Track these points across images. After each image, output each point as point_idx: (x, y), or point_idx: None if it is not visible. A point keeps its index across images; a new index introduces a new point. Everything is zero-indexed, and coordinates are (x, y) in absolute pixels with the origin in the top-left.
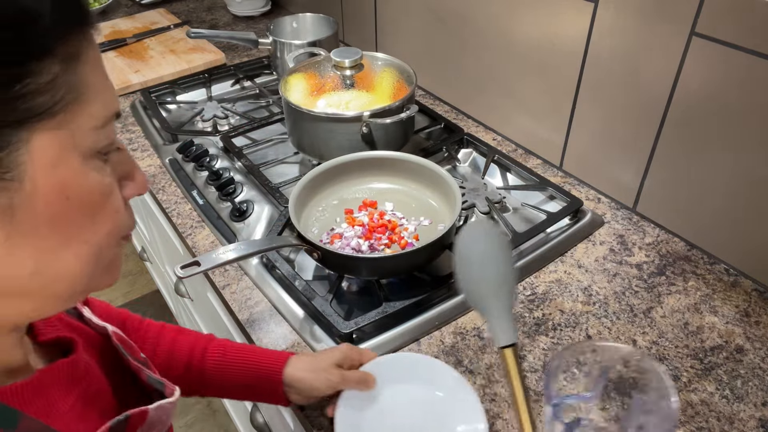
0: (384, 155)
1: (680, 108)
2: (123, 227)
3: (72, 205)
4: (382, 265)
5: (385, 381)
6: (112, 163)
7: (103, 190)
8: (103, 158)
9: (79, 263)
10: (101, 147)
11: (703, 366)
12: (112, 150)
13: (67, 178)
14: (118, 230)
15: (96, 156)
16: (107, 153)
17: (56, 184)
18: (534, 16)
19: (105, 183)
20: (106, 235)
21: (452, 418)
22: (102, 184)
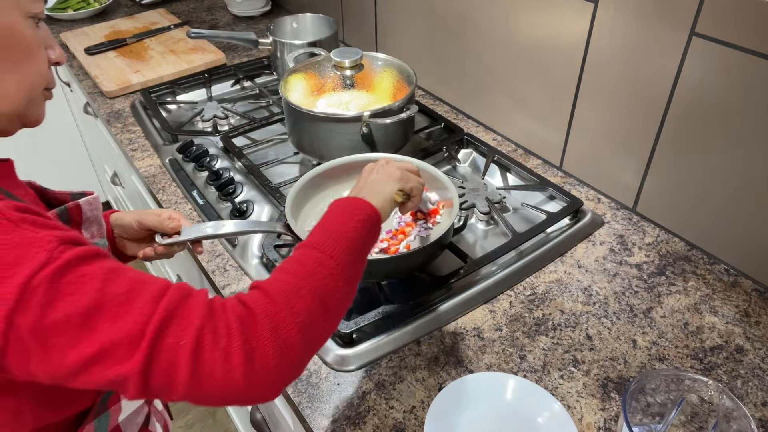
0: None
1: (680, 108)
2: (47, 77)
3: (14, 43)
4: (380, 268)
5: (480, 398)
6: (40, 32)
7: (35, 41)
8: (35, 22)
9: (16, 86)
10: (34, 13)
11: (703, 366)
12: (41, 20)
13: (11, 22)
14: (43, 76)
15: (31, 17)
16: (38, 21)
17: (5, 24)
18: (534, 16)
19: (36, 37)
20: (36, 75)
21: None
22: (34, 37)
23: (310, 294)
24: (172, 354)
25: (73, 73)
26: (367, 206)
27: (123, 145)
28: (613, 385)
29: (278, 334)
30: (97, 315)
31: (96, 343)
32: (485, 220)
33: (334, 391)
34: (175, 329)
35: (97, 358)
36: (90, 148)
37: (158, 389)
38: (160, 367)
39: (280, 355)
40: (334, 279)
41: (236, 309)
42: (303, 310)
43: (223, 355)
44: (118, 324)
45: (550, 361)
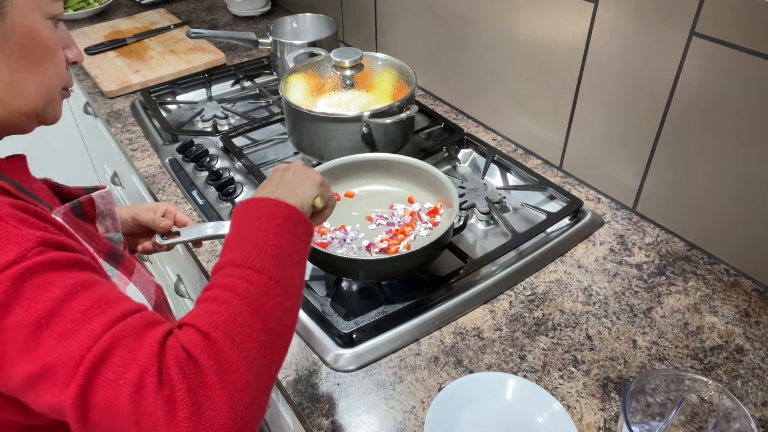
0: (383, 157)
1: (680, 108)
2: (65, 77)
3: (34, 44)
4: (380, 268)
5: (479, 398)
6: (60, 32)
7: (54, 42)
8: (54, 23)
9: (36, 86)
10: (54, 14)
11: (703, 366)
12: (60, 20)
13: (32, 24)
14: (62, 76)
15: (50, 19)
16: (57, 22)
17: (26, 25)
18: (534, 16)
19: (55, 38)
20: (54, 75)
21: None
22: (53, 37)
23: (249, 321)
24: (111, 392)
25: (73, 73)
26: (283, 206)
27: (123, 145)
28: (613, 385)
29: (226, 379)
30: (46, 327)
31: (38, 359)
32: (485, 220)
33: (334, 391)
34: (118, 362)
35: (37, 377)
36: (90, 148)
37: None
38: (97, 403)
39: (232, 403)
40: (271, 296)
41: (176, 355)
42: (247, 342)
43: (166, 407)
44: (63, 343)
45: (550, 361)
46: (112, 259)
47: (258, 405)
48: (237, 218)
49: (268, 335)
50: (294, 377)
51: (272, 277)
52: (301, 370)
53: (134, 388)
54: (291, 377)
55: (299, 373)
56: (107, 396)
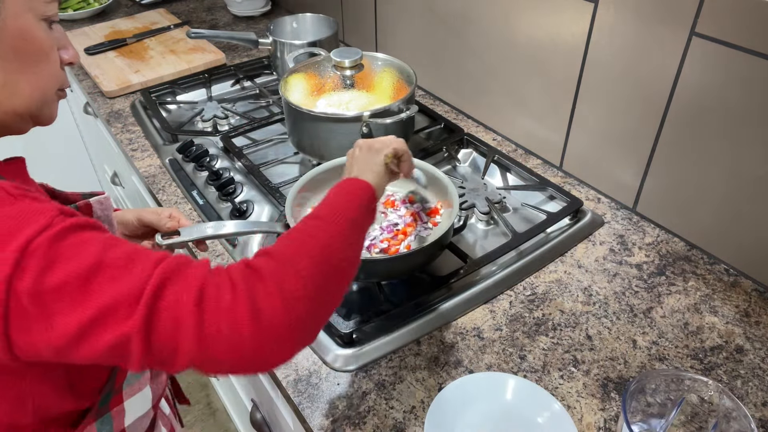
0: None
1: (680, 108)
2: (60, 78)
3: (27, 45)
4: (380, 268)
5: (479, 398)
6: (55, 33)
7: (48, 43)
8: (48, 24)
9: (30, 87)
10: (48, 15)
11: (703, 366)
12: (55, 22)
13: (25, 25)
14: (56, 77)
15: (44, 20)
16: (51, 24)
17: (18, 27)
18: (534, 16)
19: (49, 39)
20: (49, 76)
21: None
22: (47, 39)
23: (313, 252)
24: (175, 310)
25: (73, 73)
26: (361, 183)
27: (123, 145)
28: (613, 385)
29: (284, 288)
30: (96, 277)
31: (95, 304)
32: (485, 220)
33: (334, 391)
34: (176, 287)
35: (96, 320)
36: (90, 148)
37: (163, 351)
38: (163, 325)
39: (288, 309)
40: (336, 240)
41: (239, 268)
42: (308, 266)
43: (228, 310)
44: (117, 285)
45: (550, 361)
46: None
47: (310, 324)
48: (327, 194)
49: (328, 267)
50: (294, 377)
51: (341, 229)
52: (301, 370)
53: (197, 301)
54: (291, 377)
55: (299, 373)
56: (172, 315)
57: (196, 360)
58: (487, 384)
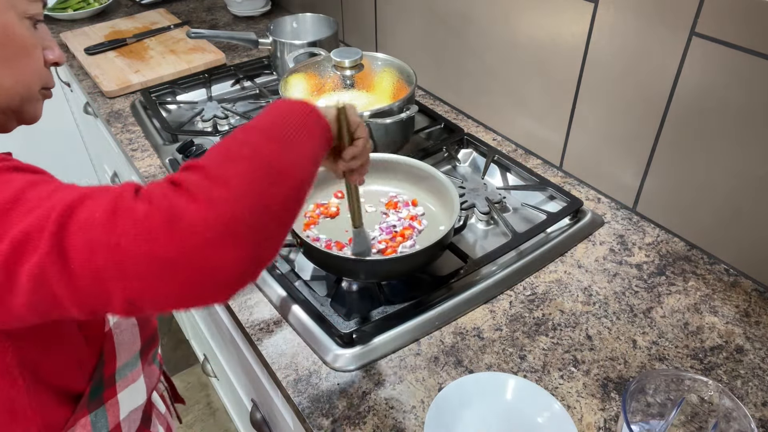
0: (383, 157)
1: (680, 108)
2: (44, 76)
3: (9, 41)
4: (380, 268)
5: (479, 398)
6: (40, 33)
7: (30, 41)
8: (32, 23)
9: (11, 81)
10: (31, 14)
11: (703, 366)
12: (39, 21)
13: (6, 22)
14: (40, 75)
15: (27, 19)
16: (36, 23)
17: (1, 24)
18: (534, 16)
19: (32, 37)
20: (31, 72)
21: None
22: (30, 37)
23: (243, 153)
24: (86, 230)
25: (73, 73)
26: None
27: (123, 145)
28: (613, 385)
29: (207, 190)
30: (13, 210)
31: (8, 237)
32: (485, 220)
33: (334, 392)
34: (89, 206)
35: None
36: (90, 148)
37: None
38: (75, 246)
39: (217, 207)
40: (275, 142)
41: (160, 183)
42: (239, 169)
43: (144, 217)
44: (30, 215)
45: (550, 361)
46: None
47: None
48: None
49: (266, 167)
50: (294, 377)
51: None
52: (301, 370)
53: (109, 214)
54: (291, 377)
55: (299, 373)
56: (83, 235)
57: (128, 286)
58: (487, 384)
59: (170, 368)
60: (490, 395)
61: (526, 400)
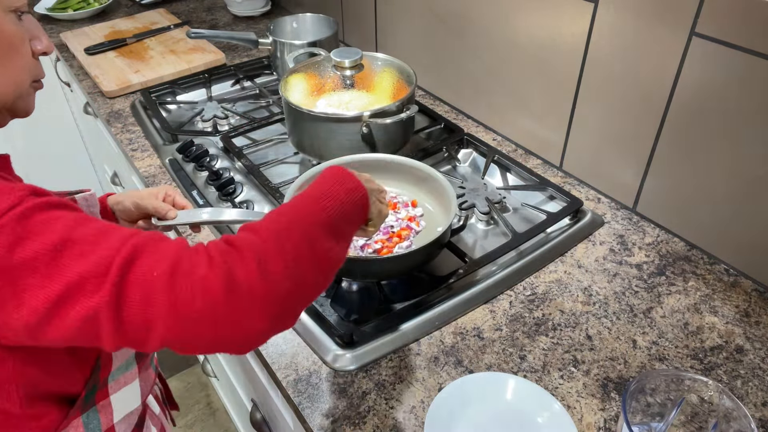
0: (383, 158)
1: (680, 108)
2: (34, 69)
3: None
4: (379, 268)
5: (479, 398)
6: (26, 24)
7: (18, 35)
8: (18, 16)
9: (3, 80)
10: (15, 6)
11: (703, 366)
12: (25, 13)
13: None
14: (29, 70)
15: (13, 12)
16: (21, 14)
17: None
18: (534, 16)
19: (20, 31)
20: (21, 68)
21: None
22: (18, 31)
23: (299, 234)
24: (145, 283)
25: (73, 73)
26: (355, 178)
27: (123, 145)
28: (613, 385)
29: (265, 266)
30: (64, 252)
31: (63, 280)
32: (485, 220)
33: (334, 391)
34: (148, 260)
35: (65, 295)
36: (90, 148)
37: (134, 326)
38: (132, 297)
39: (266, 282)
40: (324, 230)
41: (218, 243)
42: (292, 249)
43: (202, 280)
44: (85, 260)
45: (550, 361)
46: None
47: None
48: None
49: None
50: (294, 377)
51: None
52: (301, 370)
53: (169, 274)
54: (291, 377)
55: (299, 373)
56: (142, 288)
57: (169, 335)
58: (487, 384)
59: (170, 368)
60: (490, 395)
61: (526, 400)
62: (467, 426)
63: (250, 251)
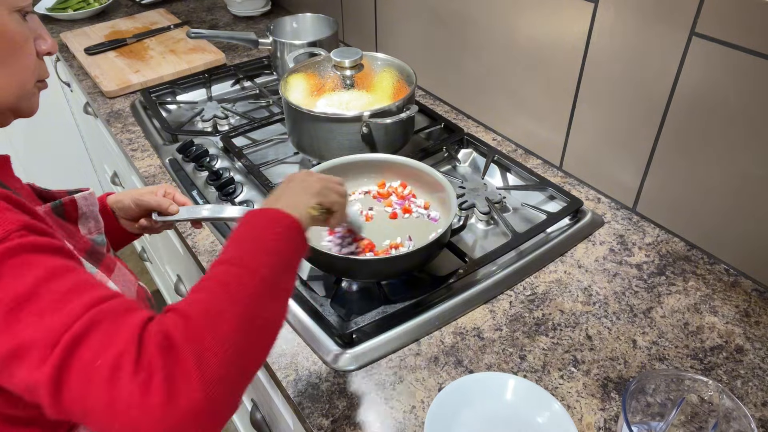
0: (383, 157)
1: (680, 108)
2: (38, 69)
3: (2, 39)
4: (379, 268)
5: (479, 398)
6: (30, 24)
7: (23, 35)
8: (22, 15)
9: (6, 82)
10: (20, 6)
11: (703, 366)
12: (29, 12)
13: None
14: (33, 70)
15: (17, 12)
16: (25, 14)
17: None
18: (534, 16)
19: (24, 31)
20: (25, 68)
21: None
22: (21, 32)
23: (234, 316)
24: (86, 373)
25: (73, 73)
26: (284, 216)
27: (123, 145)
28: (613, 385)
29: (203, 364)
30: (24, 307)
31: (15, 339)
32: (485, 220)
33: (334, 391)
34: (96, 344)
35: (12, 355)
36: (90, 148)
37: (72, 411)
38: (71, 385)
39: (207, 392)
40: (260, 297)
41: (157, 338)
42: (230, 335)
43: (141, 390)
44: (41, 323)
45: (550, 361)
46: (92, 258)
47: (232, 398)
48: (242, 224)
49: (251, 333)
50: (294, 377)
51: (264, 279)
52: (301, 370)
53: (110, 370)
54: (291, 377)
55: (299, 373)
56: (83, 377)
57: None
58: (487, 384)
59: None
60: (490, 395)
61: (526, 400)
62: (467, 426)
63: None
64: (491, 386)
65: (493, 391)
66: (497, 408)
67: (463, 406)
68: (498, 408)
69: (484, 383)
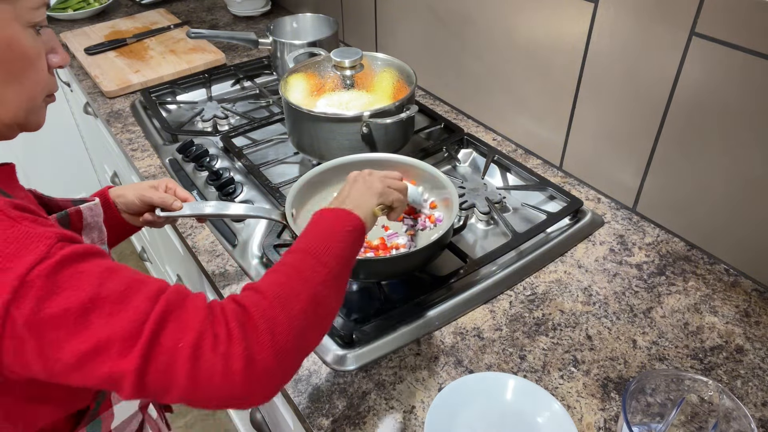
0: (383, 157)
1: (680, 108)
2: (49, 83)
3: (14, 55)
4: (380, 268)
5: (479, 398)
6: (43, 38)
7: (35, 50)
8: (36, 30)
9: (17, 98)
10: (35, 22)
11: (703, 366)
12: (43, 26)
13: (10, 35)
14: (44, 84)
15: (31, 27)
16: (39, 28)
17: (4, 37)
18: (534, 16)
19: (36, 46)
20: (36, 84)
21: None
22: (34, 46)
23: (306, 299)
24: (170, 356)
25: (73, 73)
26: (354, 218)
27: (123, 145)
28: (613, 385)
29: (276, 339)
30: (93, 311)
31: (92, 338)
32: (485, 220)
33: (334, 391)
34: (173, 330)
35: (92, 353)
36: (90, 148)
37: (154, 390)
38: (157, 367)
39: (279, 360)
40: (326, 287)
41: (236, 312)
42: (299, 315)
43: (223, 361)
44: (114, 320)
45: (550, 361)
46: None
47: (295, 368)
48: (315, 220)
49: (316, 317)
50: (294, 377)
51: (331, 271)
52: (301, 370)
53: (192, 348)
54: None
55: (299, 373)
56: (167, 360)
57: (185, 399)
58: (487, 384)
59: None
60: (490, 395)
61: (526, 400)
62: (467, 426)
63: (262, 320)
64: (491, 386)
65: (493, 392)
66: (497, 408)
67: (463, 406)
68: (498, 408)
69: (484, 383)
